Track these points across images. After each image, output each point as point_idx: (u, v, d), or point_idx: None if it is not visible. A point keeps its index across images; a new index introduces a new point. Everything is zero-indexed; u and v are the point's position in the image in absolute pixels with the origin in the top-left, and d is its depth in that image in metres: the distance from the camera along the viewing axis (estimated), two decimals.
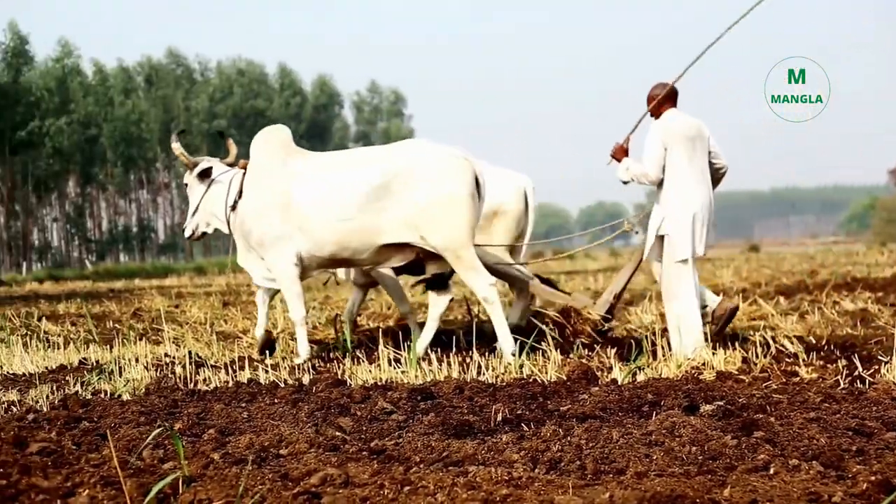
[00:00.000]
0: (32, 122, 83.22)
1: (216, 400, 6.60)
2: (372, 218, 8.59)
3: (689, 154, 8.51)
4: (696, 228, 8.42)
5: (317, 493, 3.96)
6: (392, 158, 8.71)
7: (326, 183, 8.78)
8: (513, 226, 9.98)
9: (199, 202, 9.87)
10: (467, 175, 8.53)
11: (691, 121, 8.67)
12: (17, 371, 8.94)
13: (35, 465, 4.69)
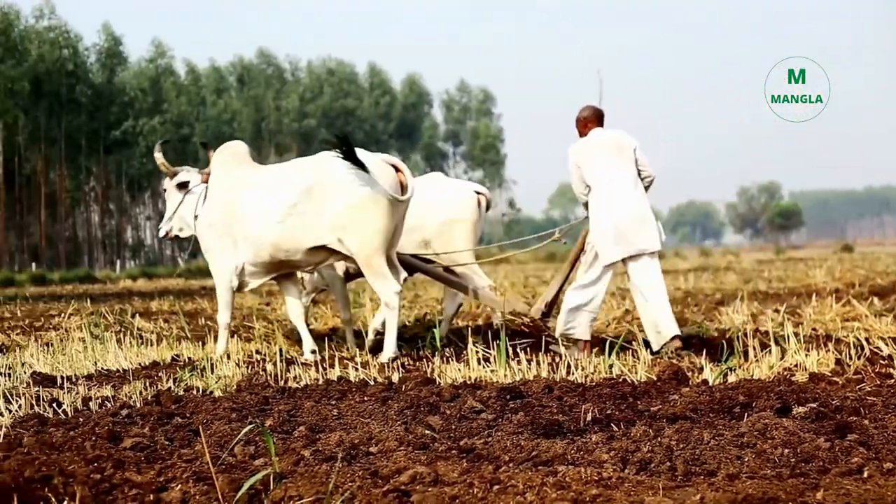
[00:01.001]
0: (126, 121, 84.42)
1: (306, 397, 6.64)
2: (299, 222, 9.15)
3: (608, 166, 9.12)
4: (624, 232, 8.92)
5: (406, 491, 3.97)
6: (317, 167, 9.32)
7: (264, 192, 9.40)
8: (471, 233, 10.66)
9: (175, 209, 10.54)
10: (386, 182, 8.97)
11: (611, 136, 9.32)
12: (112, 367, 9.06)
13: (129, 459, 4.75)
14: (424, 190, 10.25)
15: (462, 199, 10.70)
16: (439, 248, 10.50)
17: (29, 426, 5.87)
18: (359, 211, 8.95)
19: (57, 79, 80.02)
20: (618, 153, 9.18)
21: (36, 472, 4.47)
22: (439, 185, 10.94)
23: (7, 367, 8.96)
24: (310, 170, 9.36)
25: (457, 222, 10.57)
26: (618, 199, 9.01)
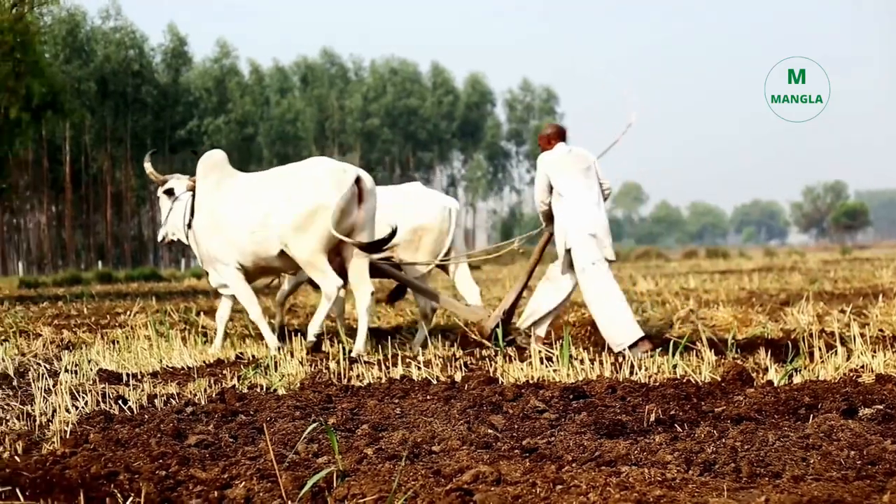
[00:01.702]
0: (191, 121, 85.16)
1: (369, 396, 6.66)
2: (266, 231, 9.77)
3: (580, 178, 9.87)
4: (597, 238, 9.66)
5: (469, 490, 3.97)
6: (278, 178, 10.07)
7: (242, 201, 10.03)
8: (435, 243, 11.15)
9: (167, 215, 11.17)
10: (328, 191, 9.54)
11: (580, 151, 10.12)
12: (176, 364, 9.14)
13: (193, 456, 4.79)
14: (398, 198, 11.20)
15: (431, 210, 11.21)
16: (406, 255, 11.08)
17: (95, 423, 5.92)
18: (300, 219, 9.54)
19: (123, 79, 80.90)
20: (586, 167, 9.96)
21: (102, 468, 4.52)
22: (412, 195, 11.44)
23: (74, 364, 9.06)
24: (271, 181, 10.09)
25: (425, 231, 11.07)
26: (590, 209, 9.78)
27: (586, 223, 9.67)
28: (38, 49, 29.90)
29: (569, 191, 9.83)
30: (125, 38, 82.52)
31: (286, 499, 4.00)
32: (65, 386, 7.27)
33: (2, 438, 5.59)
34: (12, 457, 5.06)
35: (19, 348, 11.04)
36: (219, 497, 4.08)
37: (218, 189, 10.31)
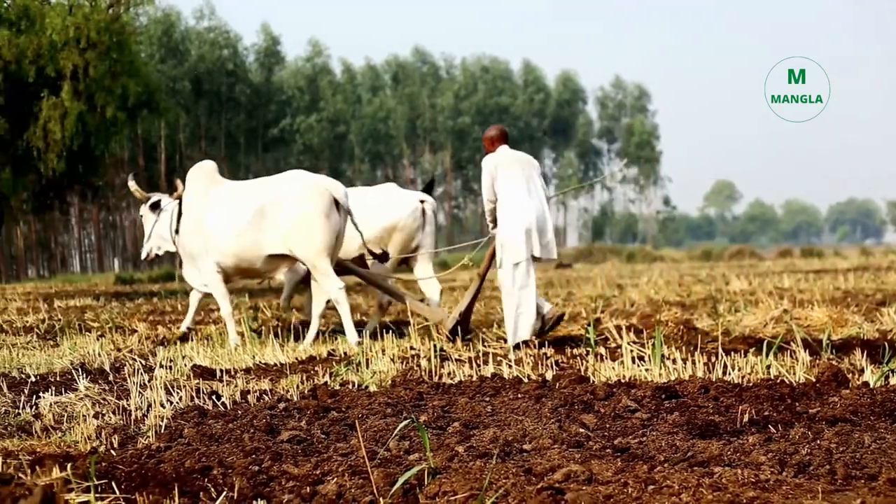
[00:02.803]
0: (284, 119, 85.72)
1: (461, 393, 6.66)
2: (256, 235, 10.65)
3: (520, 178, 10.42)
4: (531, 236, 10.21)
5: (560, 489, 3.95)
6: (269, 188, 10.80)
7: (227, 208, 10.82)
8: (407, 240, 11.92)
9: (151, 229, 12.14)
10: (322, 199, 10.49)
11: (519, 154, 10.78)
12: (269, 361, 9.22)
13: (286, 452, 4.83)
14: (372, 198, 12.06)
15: (403, 208, 11.89)
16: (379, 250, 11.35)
17: (189, 418, 6.00)
18: (302, 225, 10.45)
19: (217, 78, 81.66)
20: (527, 169, 10.56)
21: (196, 462, 4.57)
22: (385, 195, 12.17)
23: (168, 359, 9.19)
24: (261, 190, 10.85)
25: (396, 230, 11.78)
26: (528, 207, 10.28)
27: (520, 222, 10.22)
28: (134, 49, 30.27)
29: (507, 191, 10.44)
30: (219, 37, 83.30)
31: (377, 495, 4.02)
32: (160, 381, 7.38)
33: (98, 432, 5.68)
34: (108, 450, 5.14)
35: (115, 344, 11.22)
36: (311, 493, 4.11)
37: (206, 196, 11.10)
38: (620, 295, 17.82)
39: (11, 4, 26.74)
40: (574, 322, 12.12)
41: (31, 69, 25.69)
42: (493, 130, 10.97)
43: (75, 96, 25.87)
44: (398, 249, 11.83)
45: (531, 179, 10.52)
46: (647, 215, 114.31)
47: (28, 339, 12.37)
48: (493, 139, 10.86)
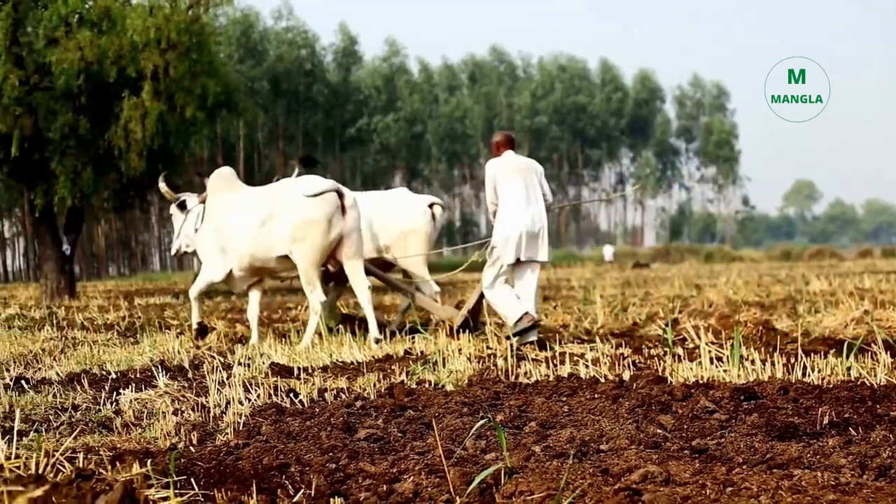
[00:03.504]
0: (361, 119, 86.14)
1: (537, 393, 6.65)
2: (265, 238, 11.08)
3: (520, 184, 10.84)
4: (524, 240, 10.69)
5: (637, 489, 3.93)
6: (277, 193, 11.23)
7: (242, 211, 11.32)
8: (424, 242, 12.66)
9: (180, 227, 12.66)
10: (323, 207, 10.81)
11: (523, 160, 11.25)
12: (346, 359, 9.26)
13: (363, 450, 4.84)
14: (386, 203, 12.79)
15: (416, 213, 12.66)
16: (397, 254, 12.57)
17: (267, 415, 6.04)
18: (302, 229, 10.79)
19: (295, 78, 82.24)
20: (527, 175, 10.97)
21: (274, 460, 4.60)
22: (399, 200, 12.92)
23: (247, 357, 9.26)
24: (272, 194, 11.27)
25: (411, 233, 12.54)
26: (524, 213, 10.73)
27: (514, 226, 10.71)
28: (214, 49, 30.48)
29: (506, 195, 10.86)
30: (297, 37, 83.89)
31: (454, 494, 4.01)
32: (238, 379, 7.44)
33: (178, 429, 5.74)
34: (187, 447, 5.19)
35: (194, 341, 11.33)
36: (387, 491, 4.12)
37: (224, 200, 11.67)
38: (698, 295, 17.70)
39: (93, 6, 27.04)
40: (652, 322, 12.05)
41: (113, 70, 25.97)
42: (499, 136, 11.49)
43: (156, 96, 26.11)
44: (415, 250, 12.59)
45: (531, 185, 10.93)
46: (725, 215, 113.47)
47: (109, 336, 12.56)
48: (498, 144, 11.36)
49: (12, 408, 6.75)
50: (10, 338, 12.22)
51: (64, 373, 8.72)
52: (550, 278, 34.12)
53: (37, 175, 26.89)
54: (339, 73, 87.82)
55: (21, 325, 14.55)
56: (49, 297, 27.10)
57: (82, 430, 5.84)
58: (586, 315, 13.37)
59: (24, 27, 26.88)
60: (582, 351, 9.37)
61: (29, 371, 9.02)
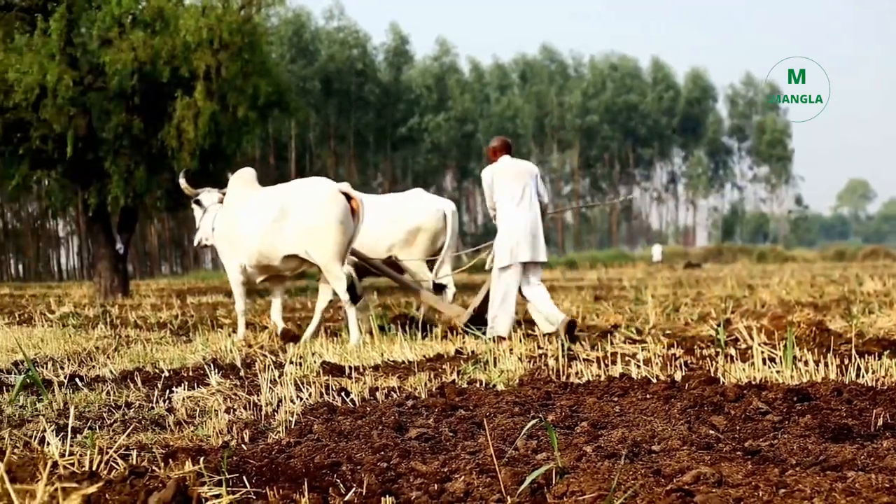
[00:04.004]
0: (412, 118, 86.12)
1: (588, 393, 6.63)
2: (276, 236, 11.45)
3: (514, 188, 11.28)
4: (519, 243, 11.12)
5: (689, 491, 3.91)
6: (290, 193, 11.60)
7: (253, 211, 11.71)
8: (430, 242, 13.12)
9: (200, 221, 13.14)
10: (336, 207, 11.21)
11: (519, 164, 11.59)
12: (397, 358, 9.28)
13: (414, 449, 4.85)
14: (400, 203, 13.43)
15: (427, 212, 13.16)
16: (404, 252, 13.08)
17: (318, 414, 6.06)
18: (316, 230, 11.18)
19: (346, 77, 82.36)
20: (523, 179, 11.35)
21: (325, 458, 4.62)
22: (412, 200, 13.48)
23: (298, 356, 9.30)
24: (283, 195, 11.62)
25: (420, 231, 13.06)
26: (520, 216, 11.18)
27: (511, 230, 11.17)
28: (265, 49, 30.61)
29: (502, 199, 11.33)
30: (348, 37, 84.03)
31: (505, 494, 4.01)
32: (290, 377, 7.47)
33: (230, 427, 5.78)
34: (240, 445, 5.22)
35: (246, 340, 11.39)
36: (439, 490, 4.12)
37: (241, 200, 12.09)
38: (751, 295, 17.61)
39: (146, 6, 27.24)
40: (704, 322, 12.00)
41: (166, 70, 26.16)
42: (495, 142, 11.86)
43: (208, 96, 26.26)
44: (424, 250, 13.10)
45: (526, 188, 11.30)
46: (778, 215, 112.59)
47: (161, 334, 12.66)
48: (495, 150, 11.76)
49: (67, 405, 6.82)
50: (65, 336, 12.33)
51: (117, 371, 8.80)
52: (601, 278, 34.04)
53: (91, 174, 27.13)
54: (391, 73, 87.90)
55: (75, 324, 14.67)
56: (103, 296, 27.34)
57: (135, 428, 5.89)
58: (638, 315, 13.35)
59: (78, 28, 27.12)
60: (634, 351, 9.34)
61: (83, 369, 9.10)
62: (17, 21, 27.47)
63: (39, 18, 26.56)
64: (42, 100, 25.38)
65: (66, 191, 30.37)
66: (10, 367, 9.27)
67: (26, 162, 27.28)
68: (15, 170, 27.42)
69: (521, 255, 11.14)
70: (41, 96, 25.34)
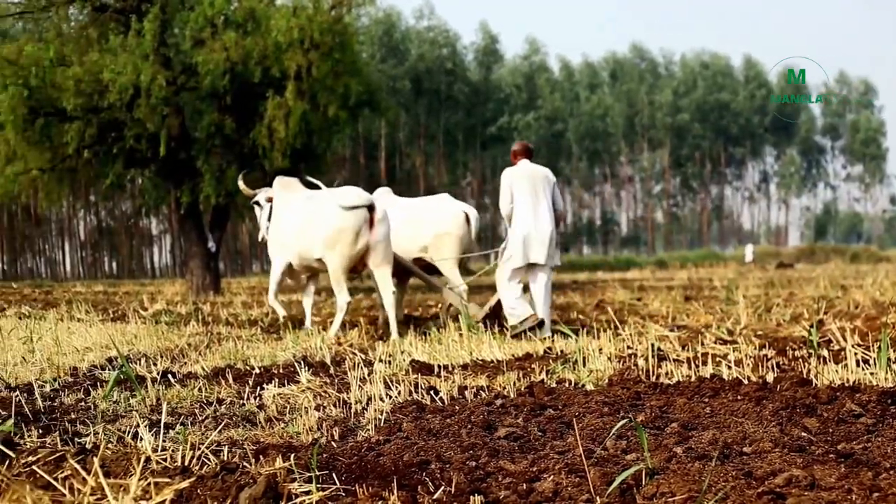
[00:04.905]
0: (502, 117, 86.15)
1: (678, 394, 6.58)
2: (307, 240, 12.44)
3: (529, 191, 11.76)
4: (529, 244, 11.67)
5: (781, 493, 3.87)
6: (316, 201, 12.54)
7: (294, 213, 12.80)
8: (456, 244, 13.59)
9: (260, 220, 13.96)
10: (351, 217, 11.95)
11: (536, 169, 11.97)
12: (486, 357, 9.27)
13: (502, 448, 4.84)
14: (427, 207, 13.99)
15: (452, 217, 13.64)
16: (433, 254, 13.61)
17: (407, 412, 6.08)
18: (333, 237, 12.02)
19: (436, 77, 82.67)
20: (540, 184, 11.83)
21: (414, 456, 4.63)
22: (438, 205, 13.95)
23: (387, 354, 9.33)
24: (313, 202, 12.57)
25: (446, 235, 13.55)
26: (533, 219, 11.68)
27: (522, 232, 11.68)
28: (356, 49, 30.77)
29: (518, 201, 11.79)
30: (438, 36, 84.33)
31: (594, 494, 4.00)
32: (379, 375, 7.51)
33: (320, 424, 5.81)
34: (329, 442, 5.25)
35: (336, 338, 11.46)
36: (527, 490, 4.11)
37: (285, 201, 13.18)
38: (844, 296, 17.36)
39: (238, 7, 27.53)
40: (796, 323, 11.85)
41: (257, 70, 26.42)
42: (517, 146, 12.35)
43: (299, 96, 26.47)
44: (450, 252, 13.58)
45: (540, 193, 11.79)
46: (872, 214, 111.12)
47: (252, 332, 12.79)
48: (515, 153, 12.27)
49: (159, 401, 6.91)
50: (158, 333, 12.50)
51: (209, 367, 8.89)
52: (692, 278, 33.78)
53: (183, 173, 27.50)
54: (480, 72, 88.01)
55: (168, 321, 14.87)
56: (195, 293, 27.71)
57: (227, 424, 5.94)
58: (729, 315, 13.21)
59: (171, 29, 27.51)
60: (725, 352, 9.25)
61: (175, 365, 9.21)
62: (111, 22, 27.93)
63: (133, 19, 26.99)
64: (136, 100, 25.77)
65: (160, 189, 30.79)
66: (105, 363, 9.41)
67: (120, 161, 27.74)
68: (109, 169, 27.89)
69: (531, 257, 11.69)
70: (135, 96, 25.73)
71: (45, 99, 26.09)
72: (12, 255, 77.18)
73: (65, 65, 26.20)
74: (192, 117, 29.00)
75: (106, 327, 13.30)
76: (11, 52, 26.10)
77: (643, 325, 11.62)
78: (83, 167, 28.25)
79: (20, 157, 27.56)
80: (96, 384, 7.84)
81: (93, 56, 26.07)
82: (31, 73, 25.49)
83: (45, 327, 12.52)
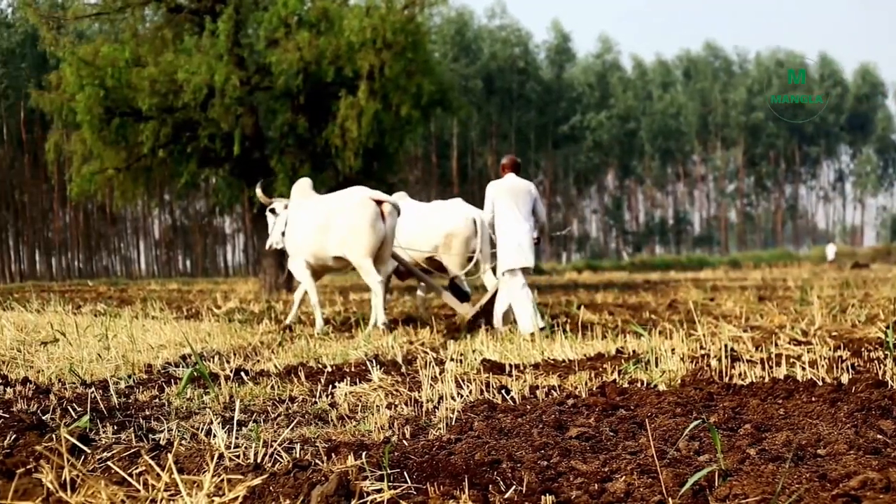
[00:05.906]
0: (574, 116, 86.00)
1: (752, 395, 6.53)
2: (323, 240, 13.23)
3: (509, 204, 12.56)
4: (519, 250, 12.36)
5: (856, 496, 3.82)
6: (333, 202, 13.30)
7: (309, 216, 13.46)
8: (463, 245, 14.38)
9: (272, 227, 14.70)
10: (368, 213, 12.87)
11: (519, 182, 12.73)
12: (557, 357, 9.25)
13: (574, 448, 4.83)
14: (439, 210, 14.82)
15: (460, 219, 14.40)
16: (442, 254, 14.42)
17: (479, 411, 6.08)
18: (350, 234, 12.88)
19: (508, 76, 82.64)
20: (519, 196, 12.61)
21: (485, 455, 4.63)
22: (449, 208, 14.78)
23: (459, 353, 9.34)
24: (327, 204, 13.35)
25: (454, 236, 14.37)
26: (514, 228, 12.47)
27: (509, 239, 12.46)
28: (428, 48, 30.81)
29: (501, 212, 12.61)
30: (510, 35, 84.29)
31: (666, 495, 3.98)
32: (450, 374, 7.50)
33: (391, 422, 5.83)
34: (401, 440, 5.26)
35: (408, 336, 11.49)
36: (599, 490, 4.10)
37: (300, 206, 13.79)
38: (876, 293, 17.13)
39: (312, 7, 27.68)
40: (871, 324, 11.71)
41: (330, 70, 26.56)
42: (505, 159, 13.08)
43: (371, 96, 26.57)
44: (460, 253, 14.33)
45: (521, 205, 12.56)
46: None
47: (324, 329, 12.82)
48: (504, 167, 13.03)
49: (232, 398, 6.96)
50: (231, 330, 12.60)
51: (281, 365, 8.94)
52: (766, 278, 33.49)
53: (257, 172, 27.68)
54: (552, 71, 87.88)
55: (241, 319, 14.99)
56: (267, 292, 27.90)
57: (299, 422, 5.98)
58: (803, 316, 13.09)
59: (245, 29, 27.70)
60: (799, 353, 9.16)
61: (248, 363, 9.28)
62: (186, 23, 28.22)
63: (208, 20, 27.23)
64: (210, 99, 26.01)
65: (233, 188, 31.05)
66: (179, 360, 9.51)
67: (194, 160, 28.02)
68: (184, 168, 28.19)
69: (515, 262, 12.37)
70: (209, 96, 25.97)
71: (120, 99, 26.44)
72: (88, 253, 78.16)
73: (140, 65, 26.53)
74: (266, 117, 29.23)
75: (180, 325, 13.42)
76: (88, 53, 26.47)
77: (716, 325, 11.53)
78: (158, 166, 28.59)
79: (96, 157, 27.95)
80: (170, 381, 7.92)
81: (167, 56, 26.38)
82: (107, 74, 25.85)
83: (120, 325, 12.65)
